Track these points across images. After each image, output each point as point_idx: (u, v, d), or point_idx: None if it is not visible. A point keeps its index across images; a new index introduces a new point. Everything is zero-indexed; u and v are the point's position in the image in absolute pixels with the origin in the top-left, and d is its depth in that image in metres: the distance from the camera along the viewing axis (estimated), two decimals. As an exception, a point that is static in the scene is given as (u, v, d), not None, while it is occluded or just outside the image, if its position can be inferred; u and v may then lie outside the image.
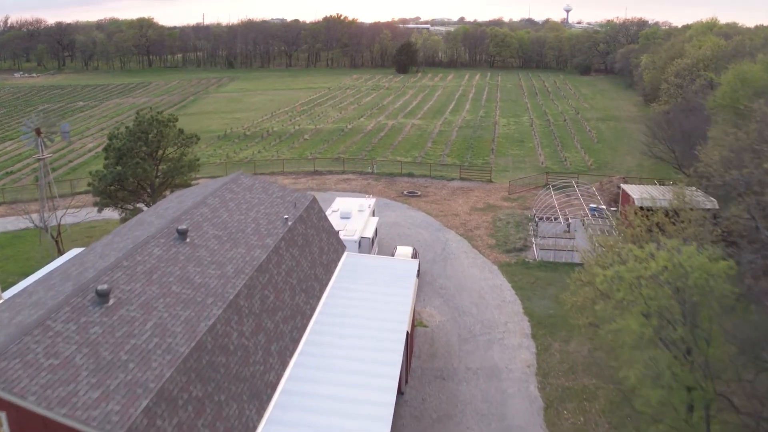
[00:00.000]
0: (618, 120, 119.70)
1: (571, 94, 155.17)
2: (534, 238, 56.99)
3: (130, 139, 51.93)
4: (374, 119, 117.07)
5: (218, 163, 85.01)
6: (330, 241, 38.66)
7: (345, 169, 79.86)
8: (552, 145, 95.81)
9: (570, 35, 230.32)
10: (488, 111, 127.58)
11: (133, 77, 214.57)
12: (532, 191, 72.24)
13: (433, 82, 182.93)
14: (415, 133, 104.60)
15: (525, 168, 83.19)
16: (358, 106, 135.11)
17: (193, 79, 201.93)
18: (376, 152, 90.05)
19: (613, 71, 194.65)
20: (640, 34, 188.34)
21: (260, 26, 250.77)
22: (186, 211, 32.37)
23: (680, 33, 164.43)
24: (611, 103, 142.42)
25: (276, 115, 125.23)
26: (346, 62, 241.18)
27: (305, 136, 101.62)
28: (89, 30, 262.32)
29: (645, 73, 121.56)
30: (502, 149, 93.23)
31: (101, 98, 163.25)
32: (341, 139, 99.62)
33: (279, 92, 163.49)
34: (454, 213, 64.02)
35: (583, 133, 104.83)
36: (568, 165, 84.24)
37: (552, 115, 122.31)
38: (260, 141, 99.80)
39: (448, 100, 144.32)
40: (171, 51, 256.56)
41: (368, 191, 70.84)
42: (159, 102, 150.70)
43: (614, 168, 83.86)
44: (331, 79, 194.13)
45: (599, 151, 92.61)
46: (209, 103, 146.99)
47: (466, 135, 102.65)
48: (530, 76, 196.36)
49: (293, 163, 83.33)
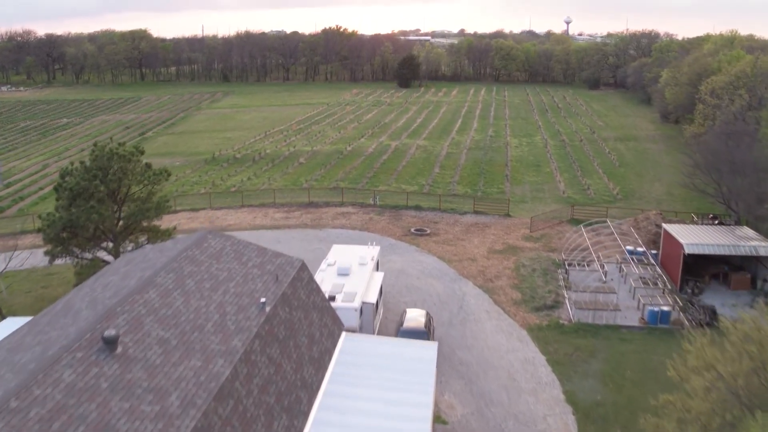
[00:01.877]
0: (637, 140, 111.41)
1: (582, 111, 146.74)
2: (566, 291, 48.11)
3: (84, 177, 43.01)
4: (376, 140, 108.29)
5: (202, 193, 76.23)
6: (323, 322, 29.77)
7: (344, 201, 70.96)
8: (571, 170, 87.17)
9: (578, 48, 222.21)
10: (498, 130, 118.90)
11: (124, 91, 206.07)
12: (556, 228, 63.53)
13: (437, 97, 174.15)
14: (420, 156, 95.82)
15: (544, 198, 74.52)
16: (358, 124, 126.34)
17: (186, 93, 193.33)
18: (379, 179, 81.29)
19: (625, 86, 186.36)
20: (653, 47, 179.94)
21: (257, 38, 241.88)
22: (125, 299, 23.52)
23: (697, 46, 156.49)
24: (626, 120, 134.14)
25: (270, 134, 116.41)
26: (345, 76, 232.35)
27: (300, 160, 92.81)
28: (81, 42, 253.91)
29: (667, 90, 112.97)
30: (518, 175, 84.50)
31: (87, 114, 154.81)
32: (340, 163, 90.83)
33: (274, 108, 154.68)
34: (470, 257, 55.14)
35: (602, 156, 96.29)
36: (592, 194, 75.60)
37: (566, 135, 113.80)
38: (251, 165, 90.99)
39: (454, 117, 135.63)
40: (164, 64, 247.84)
41: (370, 228, 62.10)
42: (147, 119, 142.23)
43: (642, 197, 75.43)
44: (329, 94, 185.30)
45: (623, 177, 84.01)
46: (200, 121, 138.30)
47: (476, 158, 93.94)
48: (538, 91, 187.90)
49: (286, 193, 74.48)
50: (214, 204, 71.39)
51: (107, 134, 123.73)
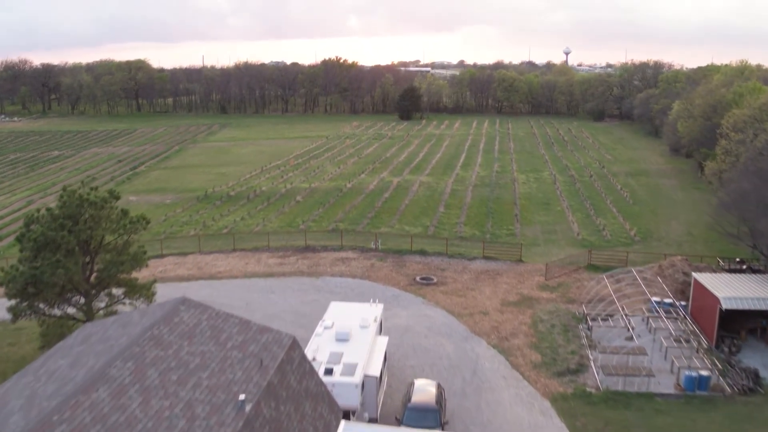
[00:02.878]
0: (648, 175, 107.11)
1: (589, 144, 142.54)
2: (591, 352, 43.02)
3: (51, 226, 38.15)
4: (377, 176, 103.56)
5: (192, 235, 71.36)
6: (318, 413, 24.70)
7: (343, 244, 65.97)
8: (583, 209, 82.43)
9: (581, 79, 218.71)
10: (503, 165, 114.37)
11: (120, 123, 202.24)
12: (573, 275, 58.59)
13: (439, 130, 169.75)
14: (424, 193, 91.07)
15: (558, 240, 69.68)
16: (358, 159, 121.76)
17: (182, 125, 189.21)
18: (380, 219, 76.47)
19: (630, 117, 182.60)
20: (660, 78, 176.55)
21: (255, 69, 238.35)
22: (68, 400, 18.52)
23: (704, 77, 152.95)
24: (635, 153, 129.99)
25: (266, 170, 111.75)
26: (345, 108, 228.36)
27: (297, 198, 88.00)
28: (77, 72, 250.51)
29: (679, 122, 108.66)
30: (527, 214, 79.70)
31: (80, 147, 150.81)
32: (339, 201, 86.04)
33: (272, 142, 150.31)
34: (482, 310, 50.08)
35: (614, 192, 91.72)
36: (608, 236, 70.79)
37: (575, 170, 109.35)
38: (245, 204, 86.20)
39: (458, 151, 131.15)
40: (161, 95, 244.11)
41: (371, 276, 57.14)
42: (140, 152, 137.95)
43: (661, 239, 70.76)
44: (329, 126, 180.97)
45: (638, 216, 79.35)
46: (195, 155, 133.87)
47: (482, 196, 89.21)
48: (542, 123, 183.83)
49: (281, 236, 69.53)
50: (204, 247, 66.51)
51: (98, 168, 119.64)
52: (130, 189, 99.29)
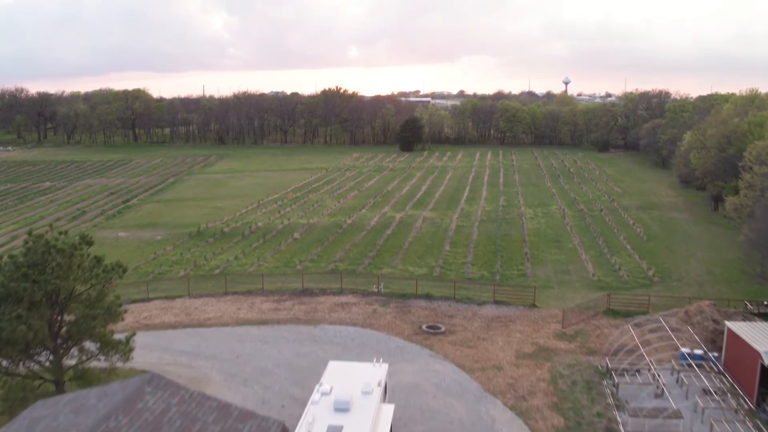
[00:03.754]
0: (660, 208, 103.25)
1: (596, 176, 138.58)
2: (619, 414, 38.39)
3: (13, 276, 33.70)
4: (378, 210, 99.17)
5: (181, 276, 66.85)
6: None
7: (343, 287, 61.38)
8: (596, 246, 78.08)
9: (585, 109, 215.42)
10: (509, 198, 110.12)
11: (115, 153, 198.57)
12: (591, 322, 54.09)
13: (441, 162, 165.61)
14: (428, 230, 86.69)
15: (572, 282, 65.28)
16: (358, 192, 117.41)
17: (179, 156, 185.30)
18: (382, 259, 71.97)
19: (636, 148, 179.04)
20: (666, 107, 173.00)
21: (254, 99, 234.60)
22: None
23: (711, 105, 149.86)
24: (644, 186, 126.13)
25: (263, 204, 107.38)
26: (345, 138, 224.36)
27: (295, 235, 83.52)
28: (74, 101, 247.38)
29: (692, 154, 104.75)
30: (538, 253, 75.27)
31: (73, 178, 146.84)
32: (339, 238, 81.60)
33: (270, 174, 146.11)
34: (496, 364, 45.42)
35: (626, 228, 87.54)
36: (625, 276, 66.47)
37: (584, 203, 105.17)
38: (240, 241, 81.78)
39: (461, 184, 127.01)
40: (158, 125, 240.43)
41: (374, 324, 52.55)
42: (134, 184, 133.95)
43: (681, 279, 66.60)
44: (329, 158, 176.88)
45: (655, 254, 75.10)
46: (190, 187, 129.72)
47: (489, 232, 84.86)
48: (546, 154, 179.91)
49: (277, 277, 65.04)
50: (193, 290, 61.94)
51: (90, 200, 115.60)
52: (121, 224, 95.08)
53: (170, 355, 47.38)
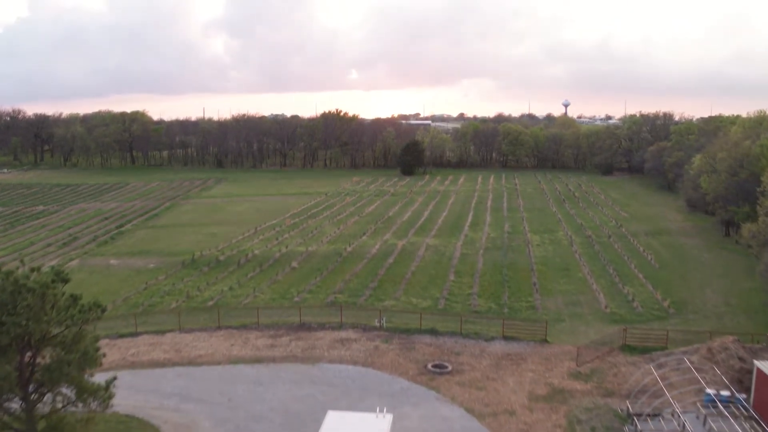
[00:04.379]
0: (669, 234, 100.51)
1: (601, 200, 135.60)
2: (645, 467, 35.02)
3: (-23, 320, 30.47)
4: (380, 237, 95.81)
5: (173, 308, 63.55)
6: None
7: (343, 322, 57.95)
8: (606, 275, 74.89)
9: (588, 132, 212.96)
10: (514, 224, 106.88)
11: (112, 176, 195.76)
12: (607, 359, 50.84)
13: (443, 186, 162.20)
14: (431, 258, 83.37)
15: (583, 314, 62.04)
16: (359, 218, 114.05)
17: (176, 180, 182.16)
18: (384, 290, 68.61)
19: (640, 171, 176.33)
20: (672, 130, 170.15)
21: (253, 122, 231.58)
22: None
23: (719, 128, 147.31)
24: (651, 210, 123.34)
25: (261, 230, 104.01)
26: (345, 162, 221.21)
27: (293, 264, 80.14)
28: (71, 123, 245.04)
29: (702, 178, 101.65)
30: (546, 283, 71.97)
31: (67, 201, 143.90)
32: (339, 268, 78.24)
33: (269, 199, 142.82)
34: (507, 408, 42.08)
35: (637, 255, 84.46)
36: (639, 308, 63.34)
37: (591, 229, 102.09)
38: (235, 270, 78.44)
39: (464, 209, 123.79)
40: (156, 147, 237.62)
41: (375, 362, 49.31)
42: (129, 208, 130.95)
43: (698, 311, 63.65)
44: (329, 182, 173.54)
45: (668, 283, 72.05)
46: (186, 212, 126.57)
47: (495, 261, 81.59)
48: (549, 178, 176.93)
49: (273, 310, 61.59)
50: (184, 324, 58.59)
51: (82, 225, 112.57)
52: (113, 251, 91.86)
53: (157, 398, 44.04)
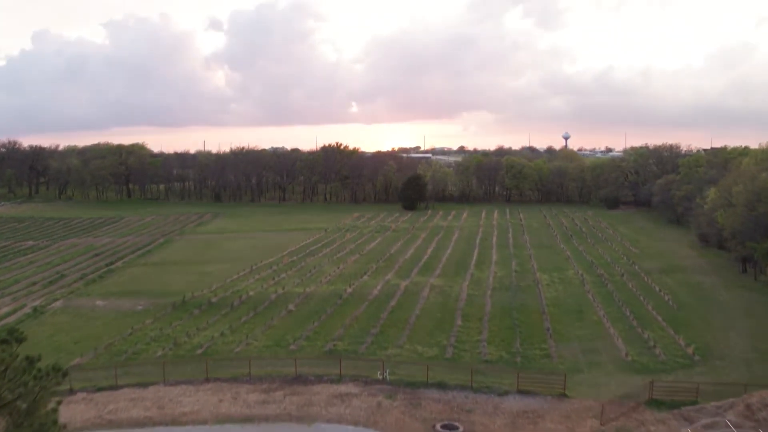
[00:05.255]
0: (684, 271, 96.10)
1: (610, 235, 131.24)
2: None
3: None
4: (381, 277, 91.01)
5: (158, 356, 58.69)
6: None
7: (342, 374, 53.10)
8: (623, 318, 70.21)
9: (593, 165, 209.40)
10: (522, 262, 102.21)
11: (107, 210, 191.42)
12: (633, 415, 46.14)
13: (446, 221, 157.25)
14: (436, 300, 78.60)
15: (603, 363, 57.30)
16: (360, 256, 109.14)
17: (172, 214, 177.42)
18: (387, 337, 63.70)
19: (647, 204, 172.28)
20: (680, 162, 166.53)
21: (252, 156, 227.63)
22: None
23: (728, 160, 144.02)
24: (662, 246, 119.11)
25: (257, 269, 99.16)
26: (346, 196, 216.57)
27: (290, 306, 75.25)
28: (67, 155, 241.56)
29: (719, 213, 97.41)
30: (560, 327, 67.22)
31: (59, 236, 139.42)
32: (338, 311, 73.35)
33: (266, 235, 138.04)
34: (528, 480, 37.22)
35: (653, 295, 79.93)
36: (661, 355, 58.64)
37: (602, 267, 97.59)
38: (228, 313, 73.57)
39: (469, 246, 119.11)
40: (153, 181, 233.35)
41: (378, 422, 44.67)
42: (122, 244, 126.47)
43: (725, 357, 59.19)
44: (328, 217, 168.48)
45: (689, 326, 67.48)
46: (180, 249, 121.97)
47: (504, 303, 76.83)
48: (555, 212, 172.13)
49: (267, 360, 56.67)
50: (170, 375, 53.73)
51: (71, 262, 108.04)
52: (100, 290, 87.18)
53: (133, 466, 39.26)
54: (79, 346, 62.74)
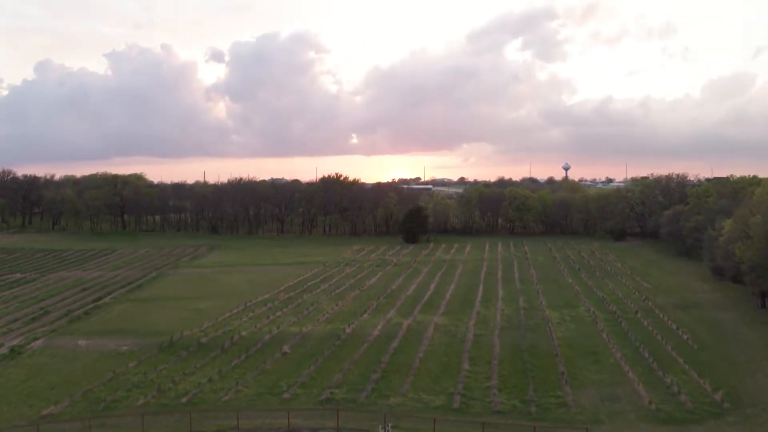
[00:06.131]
0: (700, 307, 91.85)
1: (618, 269, 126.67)
2: None
3: None
4: (382, 316, 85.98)
5: (138, 406, 53.78)
6: None
7: (340, 426, 48.20)
8: (642, 360, 65.48)
9: (597, 195, 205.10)
10: (529, 298, 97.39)
11: (100, 242, 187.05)
12: (665, 478, 41.06)
13: (449, 255, 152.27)
14: (440, 341, 73.56)
15: (624, 412, 52.59)
16: (359, 292, 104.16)
17: (167, 246, 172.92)
18: (389, 383, 58.76)
19: (654, 236, 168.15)
20: (689, 192, 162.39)
21: (250, 187, 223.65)
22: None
23: (736, 190, 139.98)
24: (674, 279, 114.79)
25: (251, 306, 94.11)
26: (345, 228, 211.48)
27: (285, 348, 70.15)
28: (62, 185, 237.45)
29: (737, 245, 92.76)
30: (575, 371, 62.33)
31: (48, 269, 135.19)
32: (336, 353, 68.32)
33: (263, 269, 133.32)
34: None
35: (670, 334, 75.51)
36: (688, 403, 54.01)
37: (614, 303, 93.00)
38: (218, 356, 68.54)
39: (473, 281, 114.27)
40: (149, 211, 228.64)
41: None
42: (112, 278, 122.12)
43: (757, 403, 55.58)
44: (328, 250, 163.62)
45: (713, 368, 62.91)
46: (172, 283, 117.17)
47: (513, 343, 71.91)
48: (560, 245, 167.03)
49: (258, 412, 51.77)
50: (150, 428, 48.98)
51: (58, 297, 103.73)
52: (85, 329, 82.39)
53: None
54: (55, 393, 57.91)
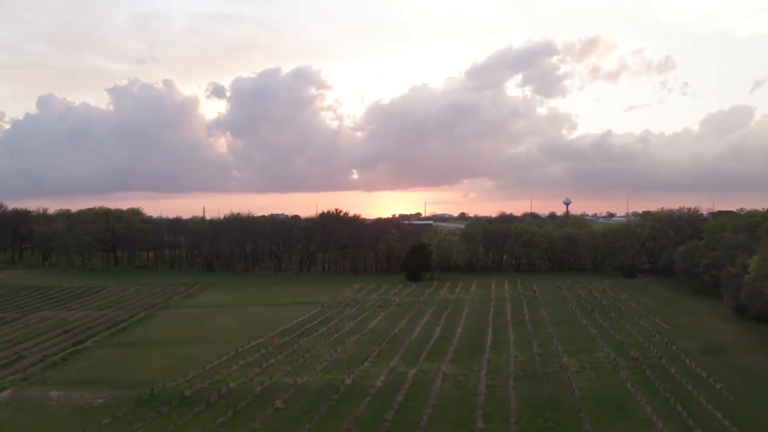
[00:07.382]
0: (727, 351, 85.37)
1: (633, 308, 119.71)
2: None
3: None
4: (385, 364, 78.51)
5: (106, 477, 46.61)
6: None
7: (338, 505, 41.10)
8: (675, 416, 58.95)
9: (605, 231, 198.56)
10: (544, 343, 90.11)
11: (90, 278, 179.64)
12: None
13: (454, 294, 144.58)
14: (450, 393, 66.16)
15: (665, 481, 45.27)
16: (360, 336, 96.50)
17: (159, 284, 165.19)
18: (395, 446, 51.81)
19: (666, 272, 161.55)
20: (704, 227, 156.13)
21: (246, 222, 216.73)
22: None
23: (750, 225, 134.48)
24: (694, 320, 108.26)
25: (242, 352, 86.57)
26: (345, 266, 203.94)
27: (277, 402, 62.79)
28: (54, 220, 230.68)
29: (766, 285, 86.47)
30: (603, 430, 55.25)
31: (30, 308, 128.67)
32: (334, 409, 60.96)
33: (258, 309, 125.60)
34: None
35: (702, 383, 69.06)
36: (735, 469, 46.57)
37: (635, 347, 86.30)
38: (202, 411, 61.25)
39: (481, 323, 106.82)
40: (142, 247, 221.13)
41: None
42: (97, 318, 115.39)
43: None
44: (326, 289, 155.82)
45: (756, 424, 56.90)
46: (160, 326, 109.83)
47: (531, 397, 64.66)
48: (569, 283, 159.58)
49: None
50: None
51: (36, 340, 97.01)
52: (58, 378, 75.43)
53: None
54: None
